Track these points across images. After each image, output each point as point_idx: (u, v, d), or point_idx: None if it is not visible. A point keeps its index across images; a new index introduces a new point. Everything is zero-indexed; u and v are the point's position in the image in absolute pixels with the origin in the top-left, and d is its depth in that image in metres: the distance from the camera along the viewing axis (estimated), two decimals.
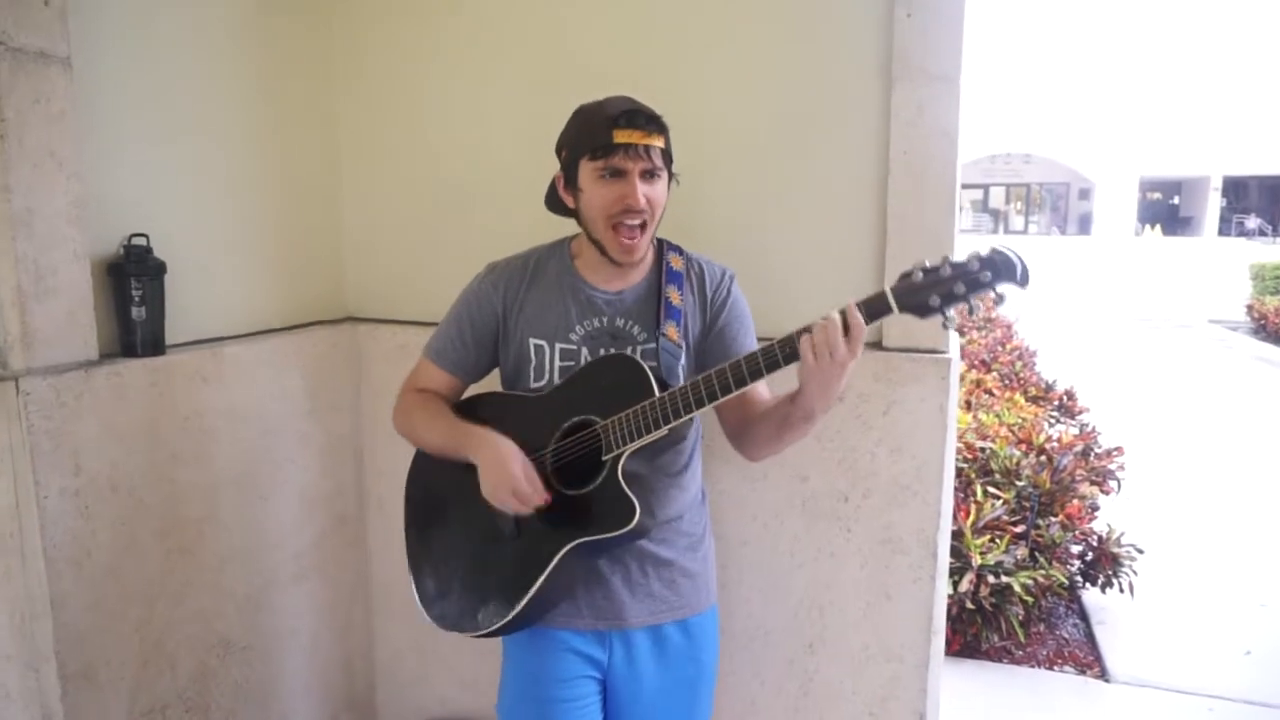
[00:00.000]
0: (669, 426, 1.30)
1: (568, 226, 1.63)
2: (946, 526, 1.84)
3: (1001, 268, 1.13)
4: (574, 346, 1.46)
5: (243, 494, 1.90)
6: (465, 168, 2.13)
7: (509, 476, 1.34)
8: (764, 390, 1.47)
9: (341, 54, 2.18)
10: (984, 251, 1.14)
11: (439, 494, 1.53)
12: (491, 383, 1.61)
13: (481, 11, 2.06)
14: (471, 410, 1.53)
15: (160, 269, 1.68)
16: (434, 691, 2.31)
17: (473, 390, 1.62)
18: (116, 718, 1.63)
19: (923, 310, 1.17)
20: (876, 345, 1.82)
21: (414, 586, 1.54)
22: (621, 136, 1.34)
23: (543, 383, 1.47)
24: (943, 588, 1.86)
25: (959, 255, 1.19)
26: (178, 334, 1.77)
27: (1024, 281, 1.13)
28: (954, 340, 1.84)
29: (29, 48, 1.46)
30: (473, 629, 1.43)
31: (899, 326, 1.79)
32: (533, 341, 1.47)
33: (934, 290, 1.16)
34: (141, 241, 1.67)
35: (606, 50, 1.97)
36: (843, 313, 1.22)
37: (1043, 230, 39.80)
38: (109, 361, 1.62)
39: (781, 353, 1.25)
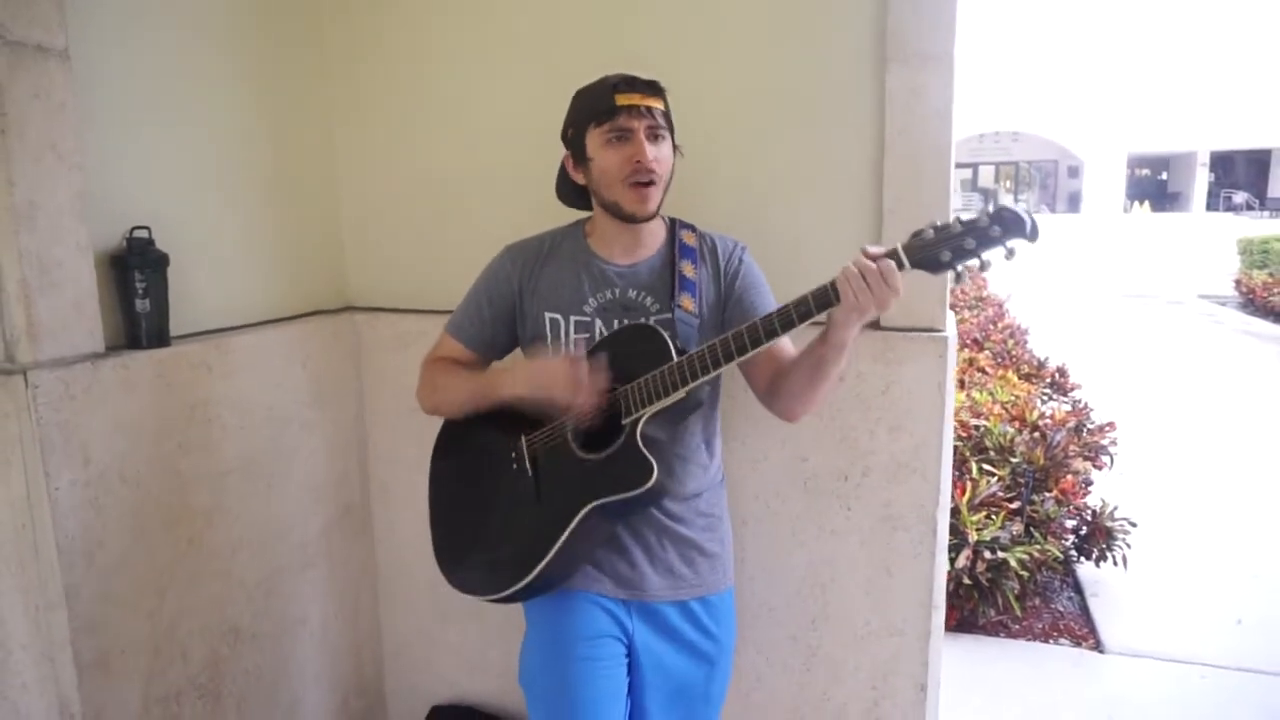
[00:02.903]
0: (686, 389, 1.33)
1: (565, 214, 1.65)
2: (945, 502, 1.87)
3: (1010, 223, 1.16)
4: (588, 318, 1.49)
5: (250, 483, 1.91)
6: (462, 158, 2.13)
7: (558, 370, 1.37)
8: (788, 345, 1.49)
9: (338, 43, 2.17)
10: (992, 208, 1.18)
11: (462, 466, 1.58)
12: None
13: (478, 2, 2.06)
14: None
15: (163, 261, 1.69)
16: (441, 677, 2.34)
17: None
18: (132, 705, 1.65)
19: (934, 265, 1.21)
20: (874, 325, 1.83)
21: (436, 554, 1.58)
22: (623, 99, 1.40)
23: None
24: (942, 562, 1.89)
25: (969, 213, 1.22)
26: (179, 326, 1.78)
27: (1033, 236, 1.16)
28: (950, 320, 1.86)
29: (27, 41, 1.46)
30: (492, 592, 1.46)
31: (897, 306, 1.80)
32: (548, 315, 1.51)
33: (945, 245, 1.19)
34: (143, 234, 1.67)
35: (602, 39, 1.97)
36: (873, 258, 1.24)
37: (1032, 208, 39.82)
38: (115, 354, 1.63)
39: (797, 311, 1.27)
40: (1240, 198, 34.10)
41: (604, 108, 1.40)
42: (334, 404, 2.16)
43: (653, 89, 1.43)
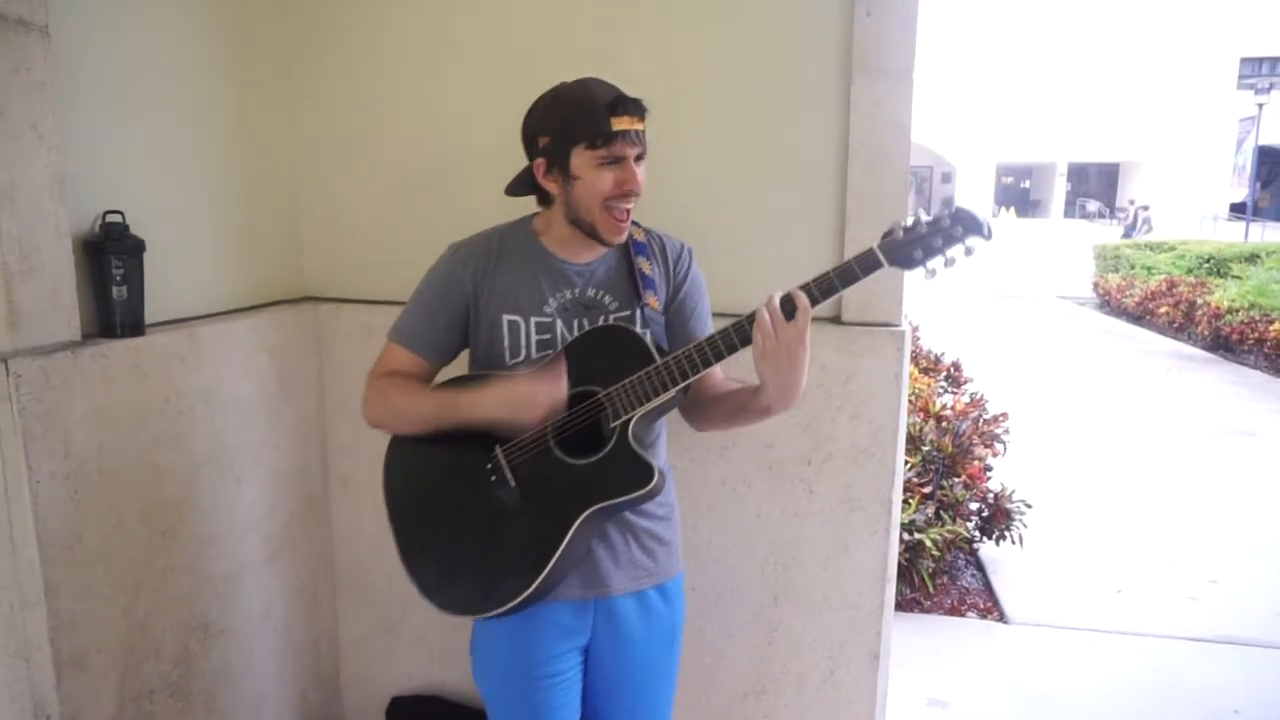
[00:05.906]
0: (676, 389, 1.33)
1: (527, 206, 1.69)
2: (899, 483, 2.03)
3: (968, 223, 1.28)
4: (549, 319, 1.45)
5: (219, 476, 1.87)
6: (424, 150, 2.14)
7: (537, 394, 1.32)
8: (717, 369, 1.47)
9: (301, 32, 2.14)
10: (952, 209, 1.30)
11: (427, 481, 1.47)
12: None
13: None
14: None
15: (140, 247, 1.64)
16: (401, 667, 2.34)
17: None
18: (108, 705, 1.60)
19: (908, 262, 1.29)
20: (836, 320, 1.97)
21: (413, 579, 1.46)
22: (619, 124, 1.34)
23: (520, 359, 1.45)
24: (894, 539, 2.04)
25: (930, 215, 1.33)
26: (148, 314, 1.72)
27: (988, 235, 1.29)
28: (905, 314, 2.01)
29: (8, 14, 1.40)
30: (489, 608, 1.39)
31: (856, 301, 1.95)
32: (506, 318, 1.45)
33: (916, 245, 1.29)
34: (117, 219, 1.62)
35: (573, 36, 2.01)
36: (785, 296, 1.28)
37: (910, 211, 41.82)
38: (93, 342, 1.57)
39: (784, 310, 1.30)
40: (1093, 206, 36.99)
41: (599, 131, 1.34)
42: (298, 394, 2.13)
43: (640, 109, 1.38)
